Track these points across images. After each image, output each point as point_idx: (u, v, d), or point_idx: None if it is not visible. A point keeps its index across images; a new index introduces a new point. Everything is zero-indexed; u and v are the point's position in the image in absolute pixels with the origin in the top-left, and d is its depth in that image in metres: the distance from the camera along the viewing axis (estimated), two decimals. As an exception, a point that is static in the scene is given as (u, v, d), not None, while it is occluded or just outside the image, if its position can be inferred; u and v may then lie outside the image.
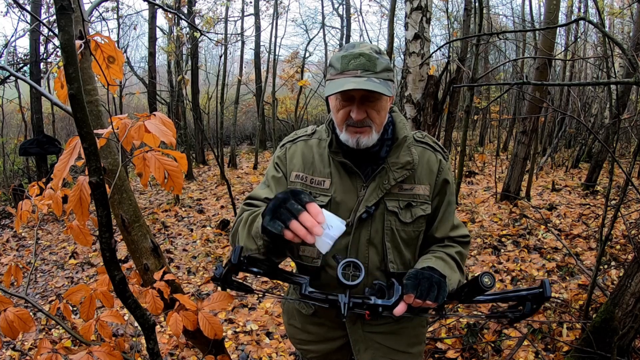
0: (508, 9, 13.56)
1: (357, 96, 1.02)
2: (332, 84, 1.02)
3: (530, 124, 5.35)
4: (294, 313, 1.31)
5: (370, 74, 0.99)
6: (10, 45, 7.86)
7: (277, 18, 10.68)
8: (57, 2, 0.73)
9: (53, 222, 6.19)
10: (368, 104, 1.03)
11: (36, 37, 7.32)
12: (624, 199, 2.57)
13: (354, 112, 1.02)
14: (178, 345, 2.77)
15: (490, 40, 6.77)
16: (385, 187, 1.09)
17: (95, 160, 0.85)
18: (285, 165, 1.20)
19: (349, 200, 1.12)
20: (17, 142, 8.87)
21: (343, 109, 1.05)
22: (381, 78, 1.00)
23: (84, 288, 1.34)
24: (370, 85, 0.97)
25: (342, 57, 1.02)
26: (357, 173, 1.12)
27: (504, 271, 3.58)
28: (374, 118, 1.05)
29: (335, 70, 1.03)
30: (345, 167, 1.13)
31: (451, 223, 1.18)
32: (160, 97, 10.16)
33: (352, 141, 1.06)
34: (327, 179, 1.14)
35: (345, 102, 1.04)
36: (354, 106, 1.03)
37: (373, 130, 1.06)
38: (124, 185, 1.51)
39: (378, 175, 1.11)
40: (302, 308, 1.26)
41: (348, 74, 1.00)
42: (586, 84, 2.87)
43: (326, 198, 1.13)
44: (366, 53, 1.01)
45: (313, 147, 1.19)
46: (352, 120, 1.04)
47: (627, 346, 2.03)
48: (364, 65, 1.00)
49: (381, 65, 1.01)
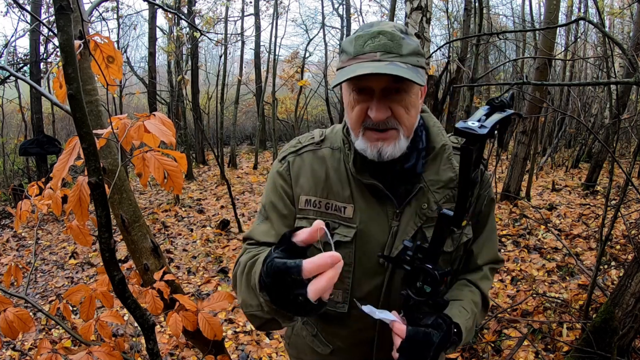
0: (508, 9, 13.58)
1: (376, 88, 0.77)
2: (342, 72, 0.77)
3: (530, 124, 5.34)
4: (305, 349, 1.09)
5: (394, 57, 0.75)
6: (10, 45, 7.86)
7: (277, 18, 10.67)
8: (56, 2, 0.73)
9: (53, 222, 6.18)
10: (393, 99, 0.78)
11: (36, 37, 7.32)
12: (624, 199, 2.57)
13: (373, 110, 0.77)
14: (178, 345, 2.77)
15: (490, 40, 6.77)
16: (424, 214, 0.86)
17: (94, 160, 0.85)
18: (290, 187, 0.92)
19: (378, 232, 0.88)
20: (17, 142, 8.86)
21: (358, 106, 0.80)
22: (409, 63, 0.75)
23: (84, 288, 1.34)
24: (393, 69, 0.72)
25: (357, 38, 0.78)
26: (389, 197, 0.87)
27: (504, 271, 3.58)
28: (402, 118, 0.79)
29: (347, 55, 0.78)
30: (373, 189, 0.87)
31: (495, 246, 0.99)
32: (160, 97, 10.16)
33: (372, 151, 0.80)
34: (348, 204, 0.88)
35: (360, 97, 0.79)
36: (373, 102, 0.77)
37: (401, 135, 0.80)
38: (124, 185, 1.51)
39: (414, 199, 0.87)
40: (317, 346, 1.04)
41: (363, 58, 0.75)
42: (586, 84, 2.87)
43: (350, 231, 0.88)
44: (388, 31, 0.76)
45: (326, 159, 0.91)
46: (371, 121, 0.79)
47: (627, 346, 2.03)
48: (385, 45, 0.75)
49: (409, 47, 0.76)
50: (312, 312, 0.55)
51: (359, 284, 0.91)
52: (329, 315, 0.95)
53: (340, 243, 0.88)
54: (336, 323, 0.97)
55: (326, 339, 1.04)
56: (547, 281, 3.32)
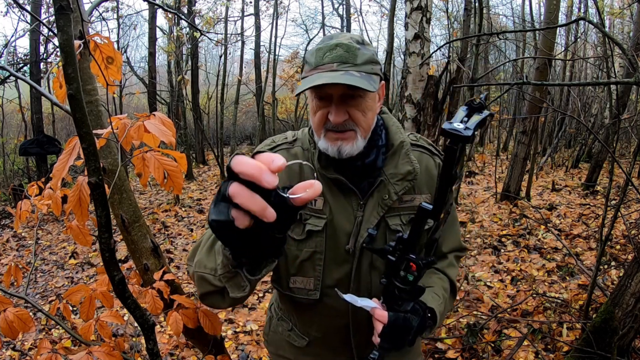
0: (508, 9, 13.58)
1: (334, 94, 0.87)
2: (304, 81, 0.87)
3: (530, 124, 5.34)
4: (283, 345, 1.15)
5: (349, 66, 0.85)
6: (10, 45, 7.86)
7: (277, 18, 10.69)
8: (56, 2, 0.73)
9: (53, 222, 6.18)
10: (350, 103, 0.88)
11: (36, 37, 7.32)
12: (624, 199, 2.57)
13: (332, 114, 0.87)
14: (178, 345, 2.78)
15: (490, 40, 6.77)
16: (386, 204, 0.95)
17: (94, 160, 0.85)
18: None
19: (345, 222, 0.96)
20: (17, 142, 8.87)
21: (320, 111, 0.90)
22: (363, 71, 0.85)
23: (84, 288, 1.34)
24: (347, 79, 0.82)
25: (318, 50, 0.88)
26: (353, 190, 0.96)
27: (504, 271, 3.58)
28: (358, 120, 0.89)
29: (309, 66, 0.89)
30: (338, 183, 0.96)
31: (459, 235, 1.07)
32: (160, 97, 10.17)
33: (333, 149, 0.90)
34: (318, 197, 0.95)
35: (322, 103, 0.89)
36: (332, 107, 0.88)
37: (358, 136, 0.90)
38: (124, 185, 1.51)
39: (376, 191, 0.96)
40: (294, 340, 1.11)
41: (323, 68, 0.85)
42: (586, 84, 2.87)
43: (321, 221, 0.96)
44: (344, 43, 0.86)
45: (298, 157, 1.01)
46: (331, 124, 0.89)
47: (627, 346, 2.03)
48: (341, 57, 0.85)
49: (363, 56, 0.86)
50: (283, 225, 0.49)
51: (330, 271, 0.98)
52: (302, 304, 1.01)
53: (312, 232, 0.96)
54: (309, 312, 1.03)
55: (302, 331, 1.10)
56: (547, 281, 3.32)
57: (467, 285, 3.31)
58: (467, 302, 3.04)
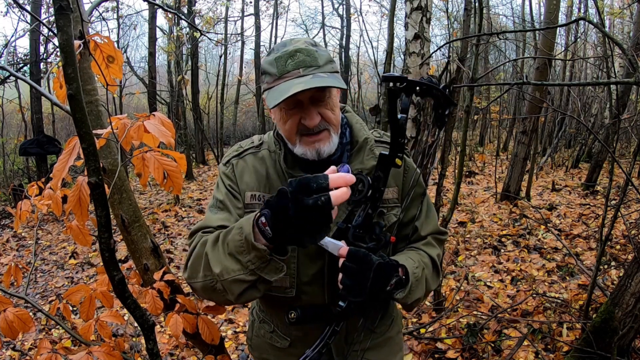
0: (508, 9, 13.58)
1: (305, 99, 0.88)
2: (274, 92, 0.87)
3: (530, 124, 5.34)
4: (266, 348, 1.17)
5: (314, 69, 0.86)
6: (10, 45, 7.86)
7: (277, 18, 10.70)
8: (56, 2, 0.73)
9: (53, 222, 6.18)
10: (319, 105, 0.90)
11: (36, 37, 7.32)
12: (624, 199, 2.57)
13: (307, 119, 0.89)
14: (178, 345, 2.78)
15: (490, 40, 6.77)
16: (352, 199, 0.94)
17: (94, 160, 0.85)
18: (236, 184, 1.02)
19: None
20: (17, 142, 8.87)
21: (291, 119, 0.91)
22: (327, 71, 0.88)
23: (84, 288, 1.34)
24: (319, 81, 0.84)
25: (277, 59, 0.88)
26: None
27: (504, 271, 3.58)
28: (330, 119, 0.91)
29: (271, 77, 0.89)
30: None
31: (435, 220, 1.09)
32: (160, 97, 10.17)
33: (312, 153, 0.92)
34: None
35: (292, 110, 0.90)
36: (305, 112, 0.89)
37: (332, 133, 0.93)
38: (124, 185, 1.51)
39: None
40: (276, 341, 1.13)
41: (289, 76, 0.86)
42: (586, 84, 2.88)
43: None
44: (303, 48, 0.88)
45: (265, 160, 1.02)
46: (305, 128, 0.90)
47: (627, 346, 2.03)
48: (304, 62, 0.86)
49: (323, 57, 0.89)
50: (323, 224, 0.70)
51: (304, 267, 0.99)
52: (280, 303, 1.03)
53: None
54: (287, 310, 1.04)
55: (283, 332, 1.11)
56: (547, 281, 3.32)
57: (467, 285, 3.31)
58: (467, 302, 3.04)
